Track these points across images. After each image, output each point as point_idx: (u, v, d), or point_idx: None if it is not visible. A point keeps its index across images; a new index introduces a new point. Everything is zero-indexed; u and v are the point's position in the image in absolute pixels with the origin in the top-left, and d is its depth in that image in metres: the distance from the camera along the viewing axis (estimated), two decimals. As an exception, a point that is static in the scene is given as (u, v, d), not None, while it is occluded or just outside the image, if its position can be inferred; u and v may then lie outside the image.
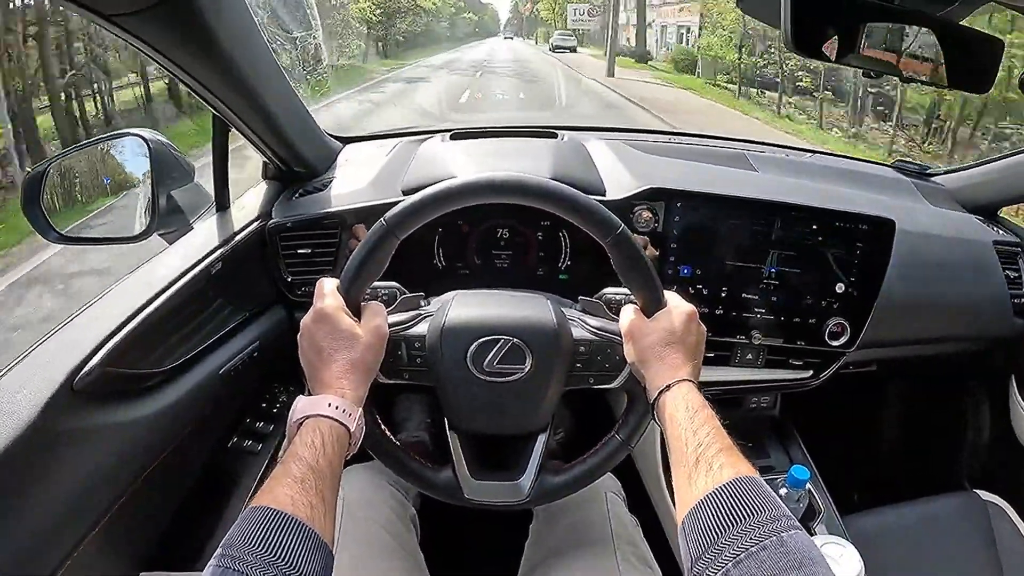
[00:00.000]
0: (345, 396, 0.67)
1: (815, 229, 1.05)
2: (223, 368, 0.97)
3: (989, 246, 1.28)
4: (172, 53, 0.77)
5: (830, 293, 1.07)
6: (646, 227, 1.04)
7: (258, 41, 0.90)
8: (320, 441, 0.62)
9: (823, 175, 1.34)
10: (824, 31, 0.77)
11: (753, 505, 0.56)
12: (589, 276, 1.07)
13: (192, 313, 0.95)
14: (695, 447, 0.63)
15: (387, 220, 0.72)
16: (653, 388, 0.72)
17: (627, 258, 0.74)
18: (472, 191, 0.73)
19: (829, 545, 0.91)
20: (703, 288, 1.05)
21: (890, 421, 1.70)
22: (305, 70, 1.74)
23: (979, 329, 1.29)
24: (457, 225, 1.10)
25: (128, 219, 1.05)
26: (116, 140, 1.05)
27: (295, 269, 1.09)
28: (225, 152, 1.06)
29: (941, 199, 1.42)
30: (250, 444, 1.08)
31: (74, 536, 0.74)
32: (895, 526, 1.18)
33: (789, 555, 0.52)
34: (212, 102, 0.90)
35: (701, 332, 0.77)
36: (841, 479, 1.25)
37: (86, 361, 0.75)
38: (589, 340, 0.79)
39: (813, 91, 11.09)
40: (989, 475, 1.47)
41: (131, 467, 0.82)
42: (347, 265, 0.73)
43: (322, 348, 0.70)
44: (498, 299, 0.83)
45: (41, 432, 0.69)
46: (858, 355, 1.13)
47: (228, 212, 1.09)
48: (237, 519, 0.55)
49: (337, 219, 1.07)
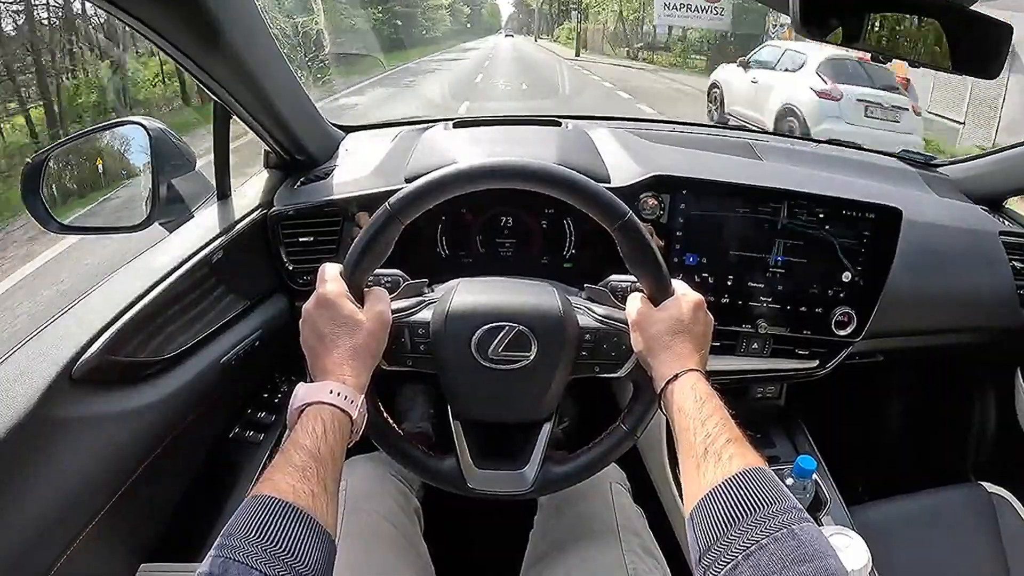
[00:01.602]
0: (347, 383, 0.66)
1: (821, 218, 1.04)
2: (224, 357, 0.96)
3: (995, 236, 1.28)
4: (174, 38, 0.77)
5: (836, 282, 1.06)
6: (651, 215, 1.04)
7: (260, 28, 0.90)
8: (322, 429, 0.61)
9: (828, 164, 1.33)
10: (832, 15, 0.76)
11: (763, 497, 0.55)
12: (594, 264, 1.06)
13: (193, 302, 0.94)
14: (703, 437, 0.62)
15: (391, 205, 0.71)
16: (660, 377, 0.71)
17: (634, 245, 0.73)
18: (477, 176, 0.72)
19: (837, 536, 0.90)
20: (708, 277, 1.05)
21: (895, 411, 1.69)
22: (307, 56, 1.74)
23: (985, 320, 1.28)
24: (461, 213, 1.09)
25: (128, 208, 1.04)
26: (116, 128, 1.04)
27: (297, 257, 1.08)
28: (226, 140, 1.06)
29: (947, 189, 1.41)
30: (252, 434, 1.08)
31: (74, 527, 0.73)
32: (900, 517, 1.17)
33: (800, 547, 0.51)
34: (214, 88, 0.90)
35: (709, 321, 0.76)
36: (847, 470, 1.24)
37: (85, 349, 0.74)
38: (595, 328, 0.78)
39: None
40: (994, 466, 1.47)
41: (131, 457, 0.81)
42: (350, 250, 0.72)
43: (324, 334, 0.69)
44: (503, 286, 0.82)
45: (40, 421, 0.68)
46: (864, 345, 1.12)
47: (229, 200, 1.09)
48: (238, 509, 0.55)
49: (339, 207, 1.07)
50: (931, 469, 1.60)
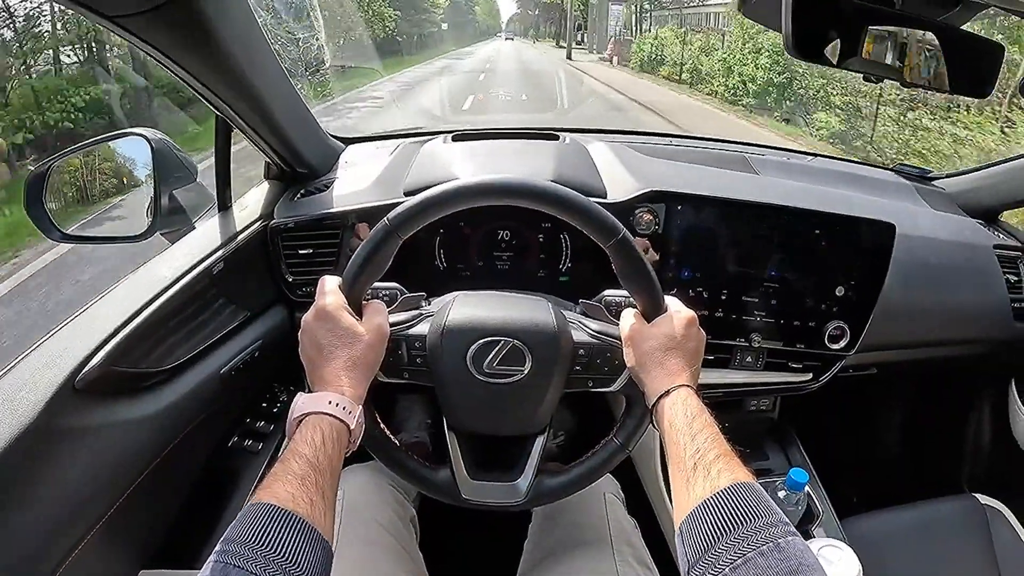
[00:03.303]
0: (345, 393, 0.67)
1: (816, 232, 1.05)
2: (224, 368, 0.97)
3: (990, 250, 1.29)
4: (175, 54, 0.78)
5: (830, 296, 1.07)
6: (647, 229, 1.05)
7: (261, 42, 0.91)
8: (320, 438, 0.62)
9: (824, 178, 1.34)
10: (825, 35, 0.77)
11: (751, 511, 0.56)
12: (590, 278, 1.07)
13: (193, 313, 0.95)
14: (693, 453, 0.63)
15: (390, 220, 0.72)
16: (652, 393, 0.72)
17: (628, 263, 0.74)
18: (476, 193, 0.73)
19: (827, 548, 0.91)
20: (703, 291, 1.06)
21: (889, 424, 1.70)
22: (308, 71, 1.75)
23: (979, 333, 1.29)
24: (458, 227, 1.10)
25: (131, 218, 1.05)
26: (119, 139, 1.05)
27: (296, 269, 1.09)
28: (227, 152, 1.07)
29: (942, 203, 1.42)
30: (251, 444, 1.08)
31: (75, 534, 0.74)
32: (893, 529, 1.18)
33: (786, 561, 0.52)
34: (214, 102, 0.90)
35: (701, 338, 0.77)
36: (840, 482, 1.25)
37: (87, 360, 0.75)
38: (589, 343, 0.79)
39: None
40: (988, 478, 1.48)
41: (132, 466, 0.82)
42: (349, 263, 0.73)
43: (323, 345, 0.70)
44: (499, 300, 0.83)
45: (43, 430, 0.69)
46: (858, 358, 1.13)
47: (230, 212, 1.10)
48: (238, 516, 0.56)
49: (339, 219, 1.08)
50: (925, 481, 1.60)
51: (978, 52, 0.82)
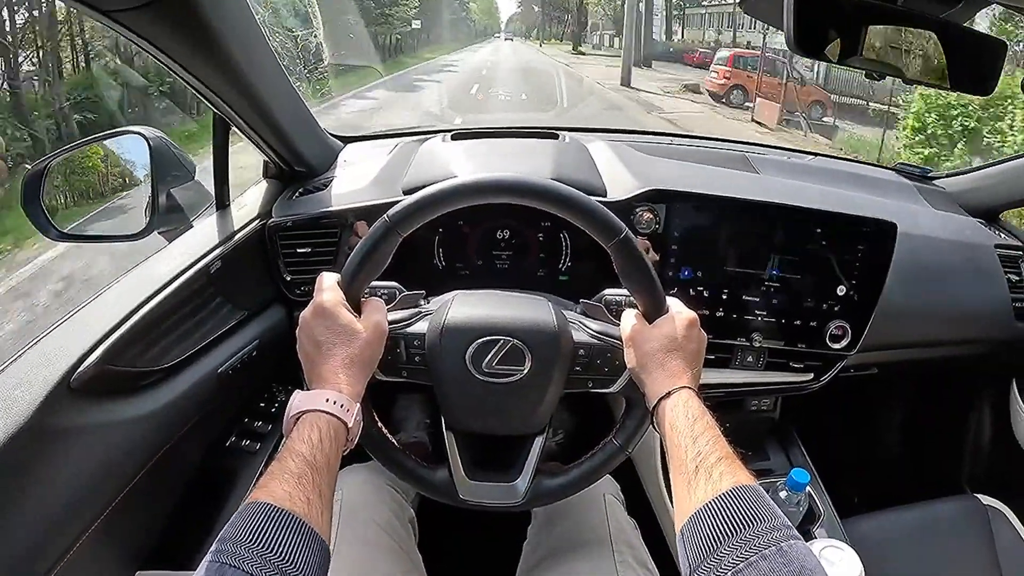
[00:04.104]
0: (343, 391, 0.66)
1: (817, 232, 1.05)
2: (221, 367, 0.96)
3: (991, 249, 1.28)
4: (172, 50, 0.77)
5: (831, 296, 1.06)
6: (647, 228, 1.04)
7: (259, 39, 0.90)
8: (318, 437, 0.62)
9: (824, 177, 1.34)
10: (826, 32, 0.76)
11: (752, 514, 0.56)
12: (590, 277, 1.07)
13: (191, 312, 0.94)
14: (695, 455, 0.63)
15: (389, 217, 0.71)
16: (653, 395, 0.71)
17: (629, 262, 0.73)
18: (475, 191, 0.72)
19: (829, 549, 0.91)
20: (704, 290, 1.05)
21: (890, 424, 1.69)
22: (306, 68, 1.74)
23: (980, 333, 1.29)
24: (458, 225, 1.10)
25: (128, 217, 1.05)
26: (116, 138, 1.04)
27: (295, 268, 1.08)
28: (226, 150, 1.06)
29: (943, 202, 1.42)
30: (248, 444, 1.08)
31: (70, 534, 0.74)
32: (895, 529, 1.18)
33: (788, 565, 0.51)
34: (212, 100, 0.90)
35: (702, 339, 0.77)
36: (841, 482, 1.25)
37: (83, 358, 0.75)
38: (589, 344, 0.78)
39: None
40: (989, 478, 1.47)
41: (128, 465, 0.81)
42: (348, 260, 0.73)
43: (321, 342, 0.69)
44: (499, 299, 0.82)
45: (38, 429, 0.68)
46: (859, 358, 1.13)
47: (228, 211, 1.09)
48: (234, 515, 0.55)
49: (337, 218, 1.07)
50: (926, 481, 1.60)
51: (980, 49, 0.81)
